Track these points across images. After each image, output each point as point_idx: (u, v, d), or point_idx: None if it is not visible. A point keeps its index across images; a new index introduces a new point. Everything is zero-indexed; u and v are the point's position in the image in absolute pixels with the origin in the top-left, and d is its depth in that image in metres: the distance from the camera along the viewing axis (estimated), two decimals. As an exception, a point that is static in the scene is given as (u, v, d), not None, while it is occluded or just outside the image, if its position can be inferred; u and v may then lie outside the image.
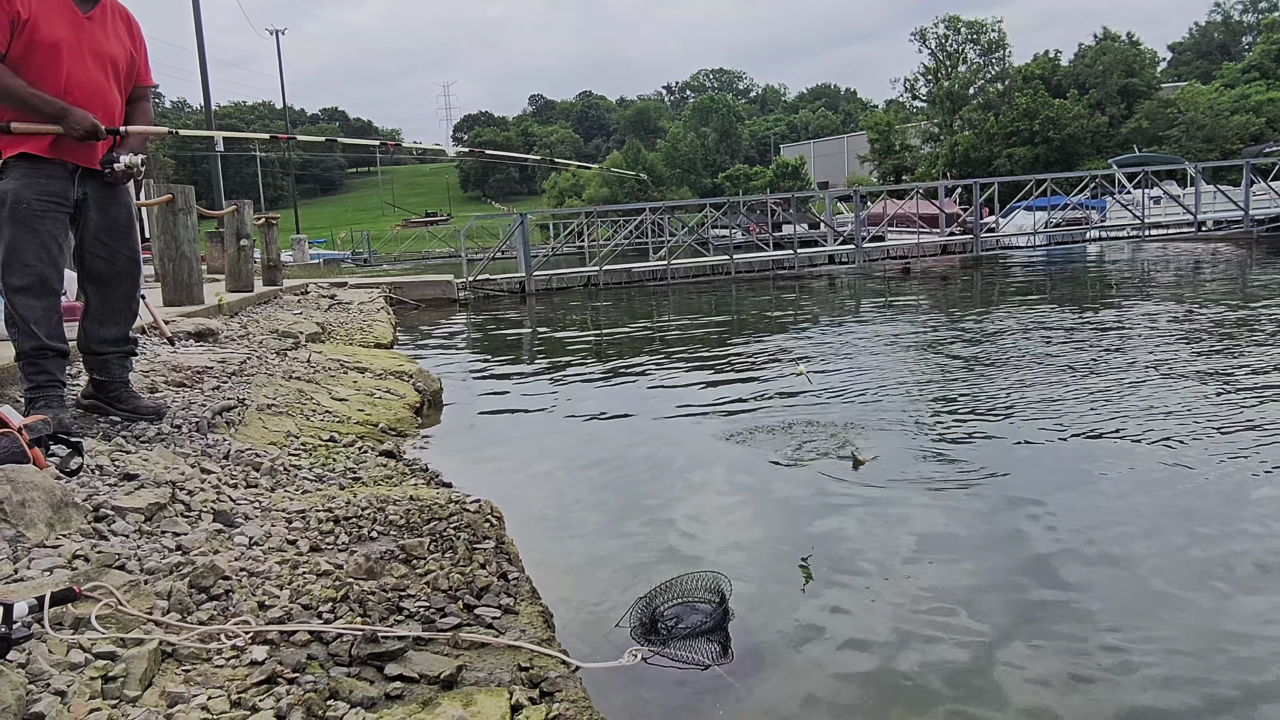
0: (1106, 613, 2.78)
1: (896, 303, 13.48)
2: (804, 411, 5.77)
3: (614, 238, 24.12)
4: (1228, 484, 3.99)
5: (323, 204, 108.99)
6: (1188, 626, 2.69)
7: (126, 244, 3.60)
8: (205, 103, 23.11)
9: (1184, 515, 3.63)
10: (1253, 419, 5.03)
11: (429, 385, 6.32)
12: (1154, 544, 3.34)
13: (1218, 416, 5.11)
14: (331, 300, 11.92)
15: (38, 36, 3.25)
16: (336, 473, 3.75)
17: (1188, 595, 2.90)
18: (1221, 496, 3.84)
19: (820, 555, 3.32)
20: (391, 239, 50.84)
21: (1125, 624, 2.71)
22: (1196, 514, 3.63)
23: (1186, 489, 3.94)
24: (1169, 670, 2.45)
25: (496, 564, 2.69)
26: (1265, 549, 3.24)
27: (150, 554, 2.34)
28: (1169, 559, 3.20)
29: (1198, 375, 6.35)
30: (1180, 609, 2.81)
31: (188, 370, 4.87)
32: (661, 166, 74.70)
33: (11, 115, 3.24)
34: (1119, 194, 23.85)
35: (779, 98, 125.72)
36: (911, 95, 57.57)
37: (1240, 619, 2.73)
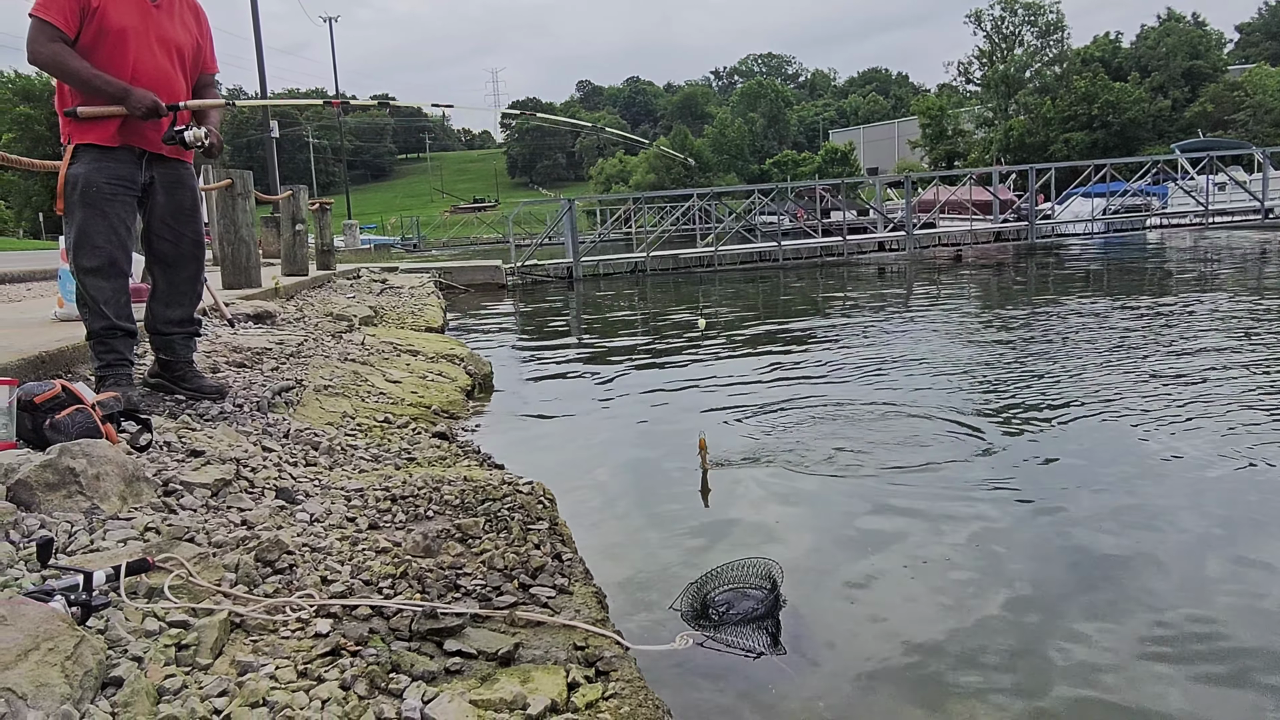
0: (1163, 608, 2.73)
1: (948, 291, 13.27)
2: (854, 400, 5.72)
3: (661, 224, 24.07)
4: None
5: (373, 190, 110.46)
6: (1248, 631, 2.62)
7: (191, 227, 3.69)
8: (261, 89, 23.53)
9: (1247, 518, 3.54)
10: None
11: (479, 369, 6.39)
12: (1214, 546, 3.26)
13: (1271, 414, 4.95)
14: (383, 284, 12.09)
15: (107, 23, 3.33)
16: (392, 453, 3.82)
17: (1246, 599, 2.83)
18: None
19: (872, 545, 3.29)
20: (440, 225, 51.41)
21: (1185, 623, 2.65)
22: (1260, 518, 3.54)
23: (1247, 490, 3.83)
24: (1228, 672, 2.39)
25: (550, 545, 2.72)
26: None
27: (217, 528, 2.41)
28: (1226, 561, 3.12)
29: (1262, 369, 6.16)
30: (1240, 613, 2.74)
31: (248, 351, 4.98)
32: (708, 153, 74.27)
33: (78, 99, 3.34)
34: (1182, 180, 23.16)
35: (828, 83, 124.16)
36: (965, 79, 56.49)
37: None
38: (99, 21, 3.32)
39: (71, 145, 3.36)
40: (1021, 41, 52.28)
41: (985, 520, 3.50)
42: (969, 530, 3.40)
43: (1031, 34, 52.05)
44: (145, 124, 3.40)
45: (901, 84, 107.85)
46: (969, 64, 55.39)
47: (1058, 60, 50.83)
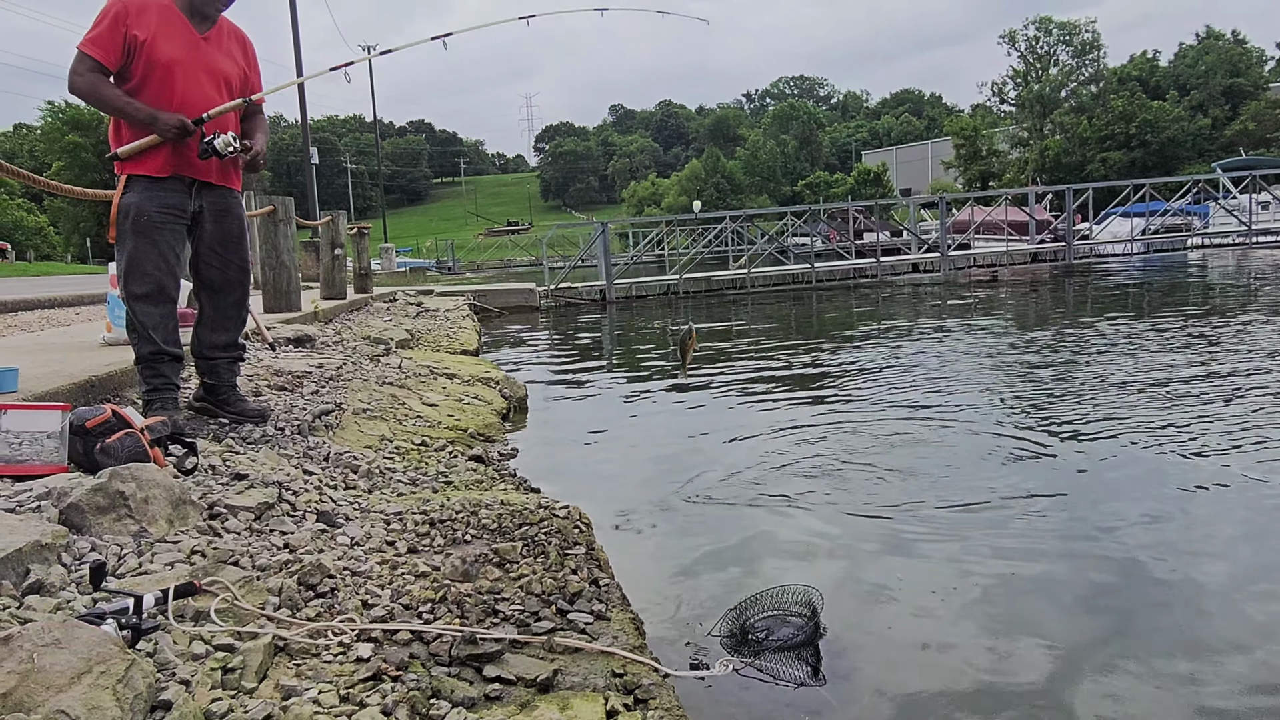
0: (1204, 640, 2.66)
1: (984, 312, 13.13)
2: (890, 424, 5.67)
3: (693, 246, 24.12)
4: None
5: (409, 214, 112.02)
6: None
7: (238, 254, 3.78)
8: (301, 115, 24.02)
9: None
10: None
11: (515, 392, 6.43)
12: (1262, 582, 3.18)
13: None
14: (419, 307, 12.23)
15: (154, 57, 3.43)
16: (429, 476, 3.85)
17: None
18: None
19: (911, 573, 3.25)
20: (474, 248, 51.88)
21: (1223, 656, 2.58)
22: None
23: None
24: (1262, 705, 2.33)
25: (587, 570, 2.72)
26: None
27: (261, 551, 2.45)
28: (1264, 595, 3.05)
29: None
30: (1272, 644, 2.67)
31: (288, 375, 5.06)
32: (741, 174, 74.43)
33: (126, 134, 3.44)
34: (1223, 199, 22.77)
35: (860, 104, 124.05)
36: (999, 99, 56.17)
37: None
38: (146, 55, 3.42)
39: (125, 175, 3.45)
40: (1056, 61, 51.92)
41: (1025, 549, 3.44)
42: (1009, 559, 3.34)
43: (1067, 54, 51.69)
44: (192, 152, 3.49)
45: (934, 105, 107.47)
46: (1003, 84, 55.12)
47: (1094, 80, 50.37)
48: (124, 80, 3.43)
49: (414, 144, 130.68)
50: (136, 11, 3.41)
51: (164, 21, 3.47)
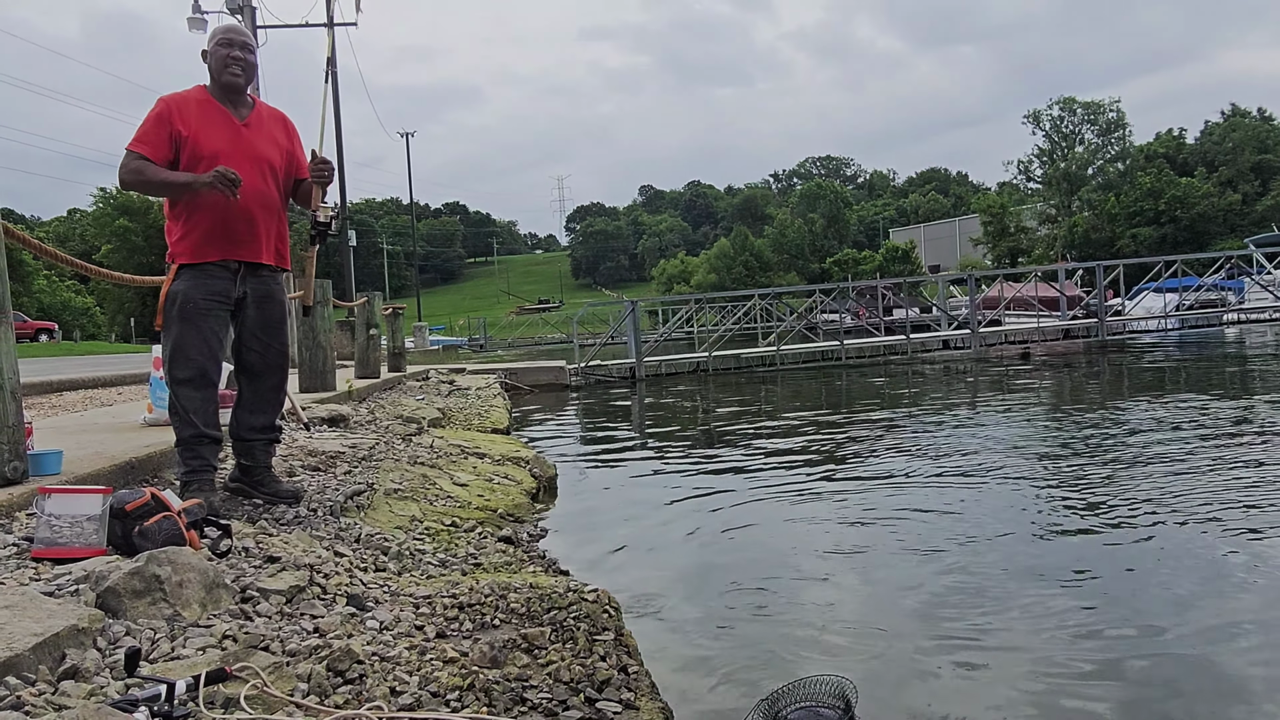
0: None
1: (1017, 391, 13.00)
2: (923, 505, 5.60)
3: (723, 323, 24.25)
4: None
5: (442, 292, 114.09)
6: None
7: (279, 339, 3.88)
8: (341, 198, 24.78)
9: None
10: None
11: (545, 471, 6.45)
12: None
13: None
14: (451, 386, 12.37)
15: (199, 150, 3.59)
16: (459, 558, 3.85)
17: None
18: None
19: (946, 661, 3.18)
20: (506, 325, 52.64)
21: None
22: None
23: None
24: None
25: (616, 656, 2.69)
26: None
27: (291, 636, 2.46)
28: None
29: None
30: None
31: (322, 455, 5.13)
32: (769, 252, 75.16)
33: (176, 245, 3.60)
34: (1258, 274, 22.58)
35: (887, 183, 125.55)
36: (1026, 177, 56.58)
37: None
38: (191, 149, 3.58)
39: (175, 265, 3.59)
40: (1082, 140, 52.39)
41: (1065, 635, 3.35)
42: (1049, 647, 3.25)
43: (1092, 132, 52.19)
44: (239, 232, 3.62)
45: (961, 183, 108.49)
46: (1029, 162, 55.63)
47: (1120, 157, 50.70)
48: None
49: (448, 225, 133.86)
50: (179, 107, 3.59)
51: (204, 114, 3.64)
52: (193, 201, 3.57)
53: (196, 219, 3.59)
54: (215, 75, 3.73)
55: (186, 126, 3.58)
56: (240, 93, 3.79)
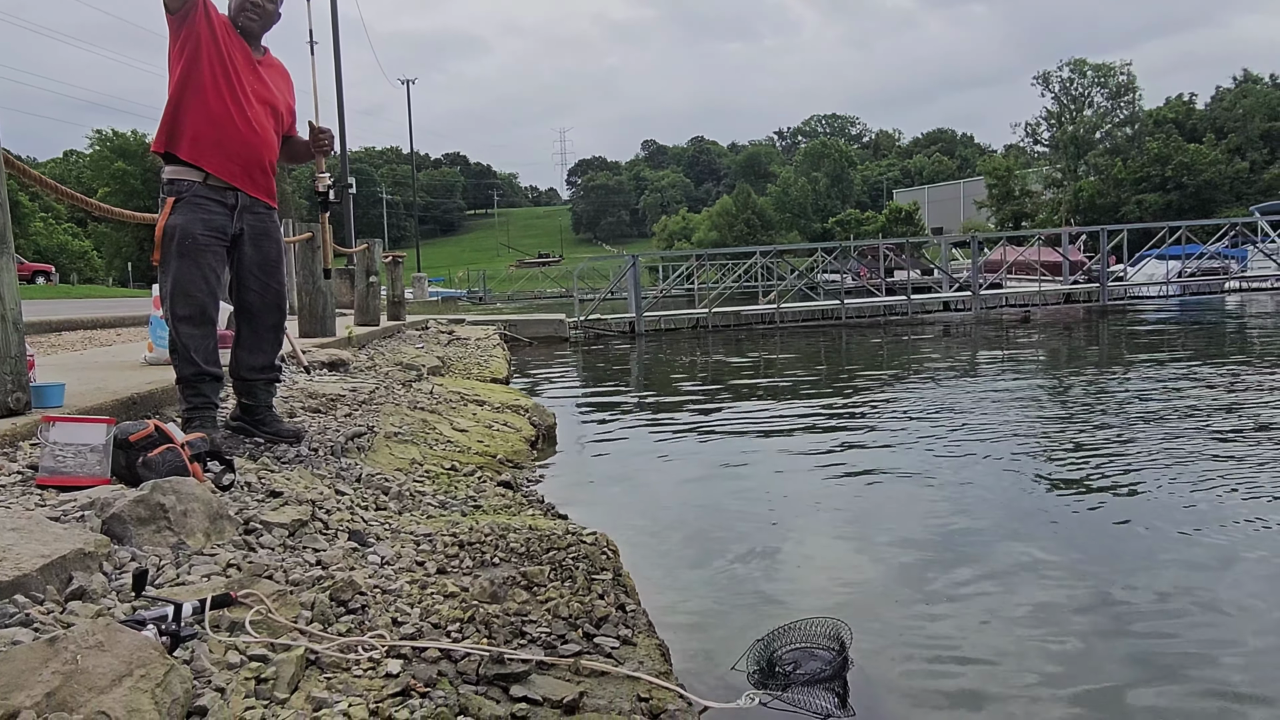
0: (1240, 689, 2.61)
1: (1016, 352, 13.02)
2: (919, 460, 5.64)
3: (723, 280, 24.17)
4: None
5: (442, 244, 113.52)
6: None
7: (276, 278, 3.87)
8: (341, 146, 24.53)
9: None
10: None
11: (544, 420, 6.47)
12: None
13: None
14: (450, 336, 12.36)
15: (221, 53, 3.58)
16: (458, 500, 3.88)
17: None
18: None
19: (940, 609, 3.22)
20: (505, 279, 52.48)
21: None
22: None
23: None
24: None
25: (614, 595, 2.73)
26: None
27: (294, 567, 2.49)
28: None
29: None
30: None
31: (322, 397, 5.14)
32: (771, 211, 74.66)
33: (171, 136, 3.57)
34: (1262, 243, 22.49)
35: (893, 143, 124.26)
36: (1033, 140, 56.02)
37: None
38: (214, 46, 3.57)
39: (171, 200, 3.57)
40: (1091, 103, 51.80)
41: (1058, 590, 3.40)
42: (1041, 601, 3.30)
43: (1102, 95, 51.57)
44: (238, 154, 3.60)
45: (967, 145, 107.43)
46: (1037, 125, 55.02)
47: (1129, 122, 50.16)
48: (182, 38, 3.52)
49: (449, 176, 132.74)
50: (214, 10, 3.57)
51: (231, 34, 3.62)
52: (200, 97, 3.52)
53: (197, 118, 3.54)
54: (233, 16, 3.69)
55: (216, 25, 3.56)
56: (254, 39, 3.75)
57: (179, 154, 3.54)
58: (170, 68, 3.57)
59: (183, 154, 3.54)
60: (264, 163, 3.72)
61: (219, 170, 3.58)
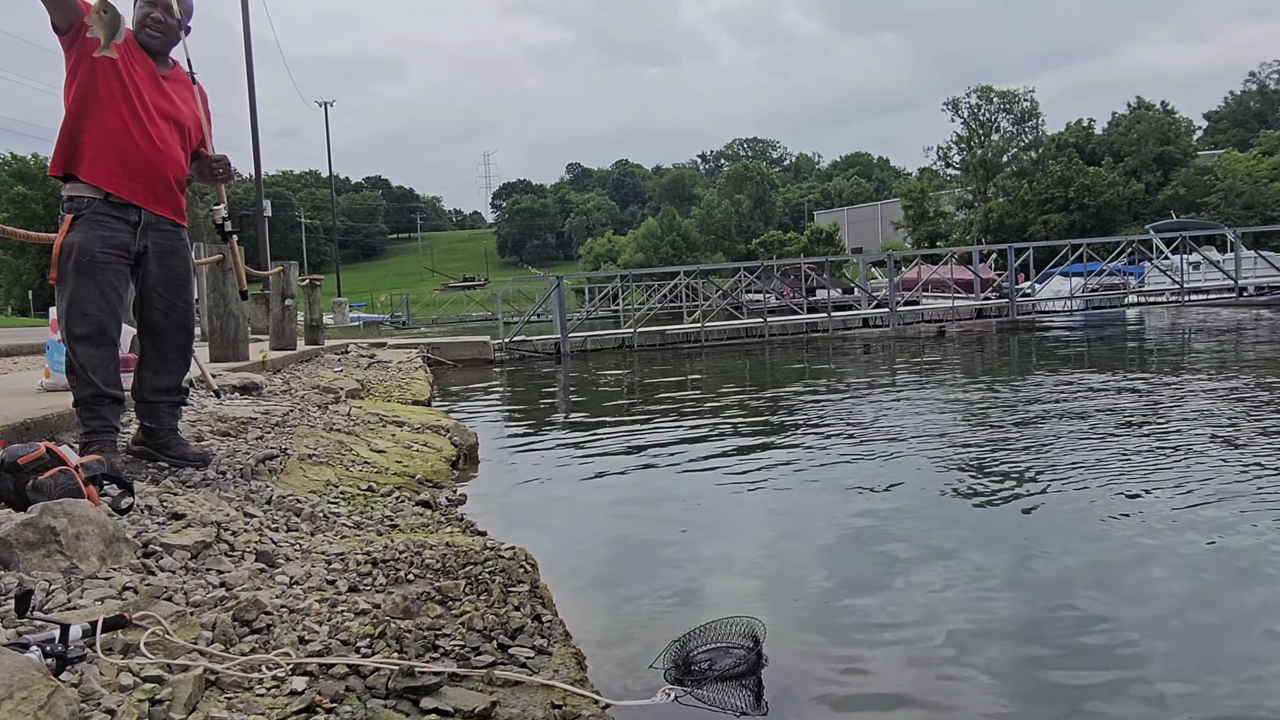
0: (1137, 677, 2.73)
1: (932, 366, 13.42)
2: (836, 469, 5.75)
3: (648, 301, 24.33)
4: (1259, 561, 3.91)
5: (364, 268, 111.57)
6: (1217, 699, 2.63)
7: (183, 297, 3.76)
8: (255, 170, 23.96)
9: (1219, 591, 3.57)
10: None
11: (465, 439, 6.40)
12: (1181, 618, 3.29)
13: (1257, 491, 5.02)
14: (371, 359, 12.14)
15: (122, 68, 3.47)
16: (374, 520, 3.81)
17: (1214, 674, 2.84)
18: (1251, 574, 3.77)
19: (853, 606, 3.29)
20: (430, 302, 51.80)
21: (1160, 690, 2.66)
22: (1229, 593, 3.57)
23: (1219, 564, 3.87)
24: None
25: (530, 606, 2.71)
26: None
27: (196, 588, 2.41)
28: (1201, 635, 3.15)
29: (1238, 445, 6.25)
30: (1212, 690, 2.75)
31: (233, 421, 5.00)
32: (696, 233, 75.53)
33: (68, 156, 3.44)
34: (1157, 260, 23.68)
35: (812, 165, 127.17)
36: (945, 163, 58.00)
37: None
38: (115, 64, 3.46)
39: (70, 217, 3.44)
40: (998, 128, 53.91)
41: (967, 586, 3.51)
42: (947, 591, 3.40)
43: (1007, 120, 53.72)
44: (140, 172, 3.49)
45: (883, 168, 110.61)
46: (948, 149, 56.98)
47: (1033, 145, 52.37)
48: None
49: (370, 199, 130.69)
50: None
51: (133, 47, 3.52)
52: (97, 115, 3.41)
53: (95, 136, 3.43)
54: (135, 30, 3.59)
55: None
56: (158, 55, 3.65)
57: (79, 174, 3.43)
58: (65, 87, 3.46)
59: (82, 174, 3.43)
60: (169, 179, 3.62)
61: (120, 189, 3.47)
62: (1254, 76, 67.51)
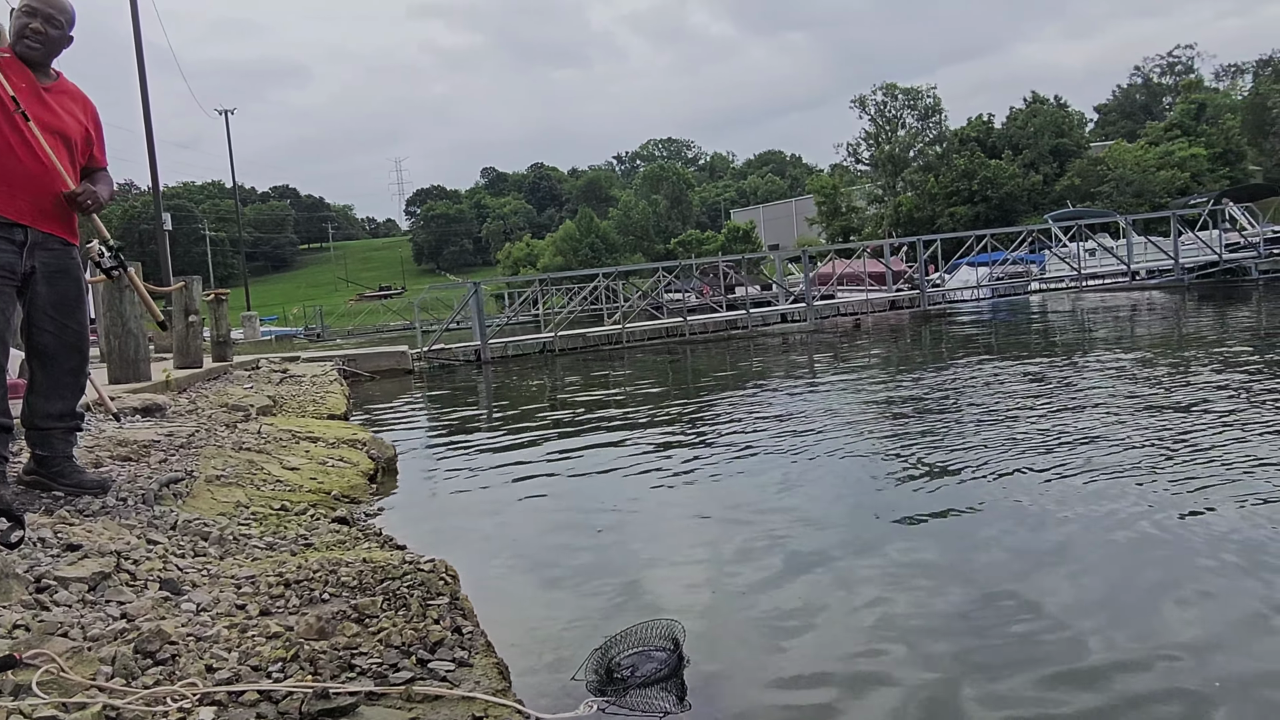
0: (1053, 649, 2.85)
1: (849, 358, 13.72)
2: (755, 464, 5.83)
3: (569, 304, 24.26)
4: (1164, 524, 4.12)
5: (274, 281, 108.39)
6: (1128, 659, 2.76)
7: (75, 318, 3.59)
8: (154, 182, 23.04)
9: (1122, 556, 3.74)
10: (1187, 458, 5.21)
11: (383, 452, 6.28)
12: (1094, 587, 3.44)
13: (1157, 460, 5.28)
14: (283, 374, 11.80)
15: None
16: (288, 540, 3.71)
17: (1127, 633, 2.98)
18: (1158, 539, 3.96)
19: (775, 601, 3.34)
20: (345, 313, 50.61)
21: (1075, 660, 2.77)
22: (1132, 554, 3.75)
23: (1126, 529, 4.06)
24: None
25: (451, 619, 2.67)
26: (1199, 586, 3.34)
27: (94, 622, 2.31)
28: (1106, 599, 3.30)
29: (1137, 418, 6.56)
30: (1118, 643, 2.88)
31: (134, 445, 4.80)
32: (614, 234, 75.63)
33: None
34: (1056, 248, 24.72)
35: (727, 165, 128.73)
36: (855, 159, 59.35)
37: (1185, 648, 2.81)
38: None
39: None
40: (904, 124, 55.44)
41: (884, 573, 3.60)
42: (868, 584, 3.48)
43: (912, 117, 55.29)
44: (24, 191, 3.33)
45: (796, 165, 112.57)
46: (857, 145, 58.30)
47: (938, 140, 54.01)
48: None
49: (279, 210, 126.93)
50: None
51: (11, 62, 3.36)
52: None
53: None
54: (12, 44, 3.41)
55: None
56: (39, 66, 3.48)
57: None
58: None
59: None
60: (57, 195, 3.46)
61: (4, 207, 3.30)
62: (1139, 71, 70.96)
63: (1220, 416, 6.25)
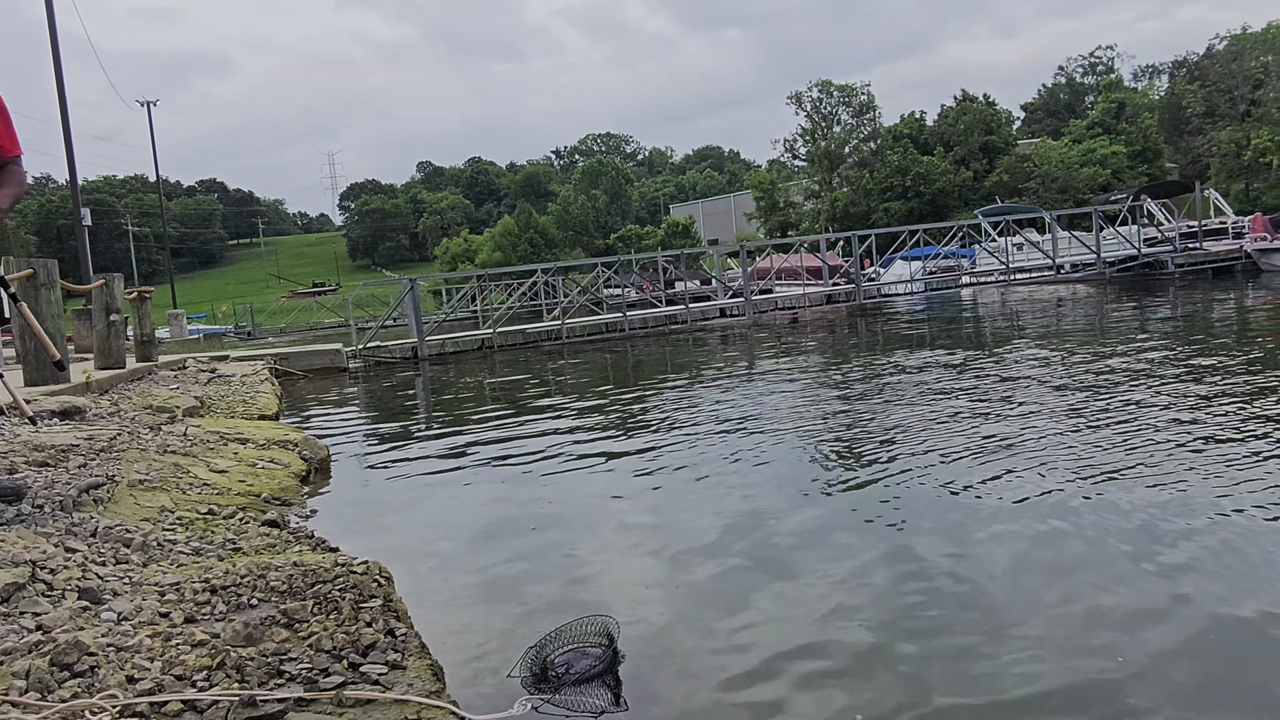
0: (984, 642, 2.93)
1: (786, 352, 13.90)
2: (693, 461, 5.88)
3: (508, 301, 24.08)
4: (1090, 514, 4.26)
5: (202, 277, 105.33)
6: (1053, 650, 2.85)
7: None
8: (72, 178, 22.16)
9: (1051, 548, 3.87)
10: (1108, 447, 5.40)
11: (316, 453, 6.16)
12: (1024, 580, 3.54)
13: (1084, 451, 5.46)
14: (211, 374, 11.49)
15: None
16: (215, 544, 3.62)
17: (1052, 618, 3.08)
18: (1086, 533, 4.11)
19: (709, 596, 3.38)
20: (277, 311, 49.44)
21: (1005, 654, 2.85)
22: (1063, 548, 3.87)
23: (1050, 521, 4.19)
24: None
25: (383, 621, 2.64)
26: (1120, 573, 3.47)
27: (7, 635, 2.22)
28: (1035, 590, 3.40)
29: (1066, 407, 6.78)
30: (1045, 633, 2.98)
31: (51, 449, 4.62)
32: (554, 229, 75.26)
33: None
34: (985, 242, 25.38)
35: (666, 160, 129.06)
36: (792, 155, 60.00)
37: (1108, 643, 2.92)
38: None
39: None
40: (839, 120, 56.23)
41: (819, 567, 3.66)
42: (805, 577, 3.54)
43: (847, 114, 56.09)
44: None
45: (734, 160, 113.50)
46: (794, 141, 58.93)
47: (872, 137, 54.93)
48: None
49: (206, 204, 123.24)
50: None
51: None
52: None
53: None
54: None
55: None
56: None
57: None
58: None
59: None
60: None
61: None
62: (1063, 70, 73.12)
63: (1132, 400, 6.50)
